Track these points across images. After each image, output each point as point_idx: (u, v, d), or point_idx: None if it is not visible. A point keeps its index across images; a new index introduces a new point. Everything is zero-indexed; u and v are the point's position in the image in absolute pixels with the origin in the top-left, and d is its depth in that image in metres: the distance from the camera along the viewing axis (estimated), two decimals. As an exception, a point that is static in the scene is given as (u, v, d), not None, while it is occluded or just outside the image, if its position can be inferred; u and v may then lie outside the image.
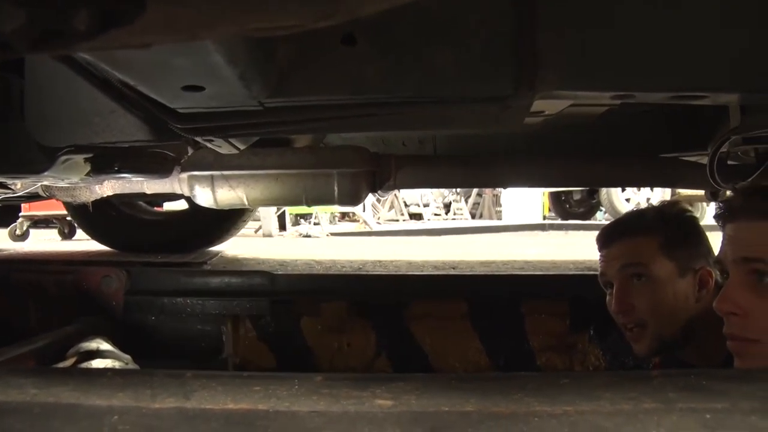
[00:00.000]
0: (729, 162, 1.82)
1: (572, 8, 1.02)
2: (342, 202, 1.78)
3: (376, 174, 1.81)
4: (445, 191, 13.00)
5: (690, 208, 1.90)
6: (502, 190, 11.99)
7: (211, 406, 0.71)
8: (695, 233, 1.67)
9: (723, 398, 0.77)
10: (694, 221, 1.73)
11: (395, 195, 12.15)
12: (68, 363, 1.75)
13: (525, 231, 6.92)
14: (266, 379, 0.82)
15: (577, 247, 4.00)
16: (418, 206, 12.86)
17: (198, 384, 0.79)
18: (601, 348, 2.43)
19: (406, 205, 12.84)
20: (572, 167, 1.85)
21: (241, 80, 0.87)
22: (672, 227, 1.66)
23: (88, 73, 1.07)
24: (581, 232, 6.20)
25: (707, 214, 10.26)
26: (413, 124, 1.13)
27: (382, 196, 11.67)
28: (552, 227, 7.21)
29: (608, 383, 0.84)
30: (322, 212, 8.30)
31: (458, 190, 12.82)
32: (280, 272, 2.38)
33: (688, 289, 1.59)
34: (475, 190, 13.25)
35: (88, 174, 1.32)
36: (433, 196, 13.00)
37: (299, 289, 2.35)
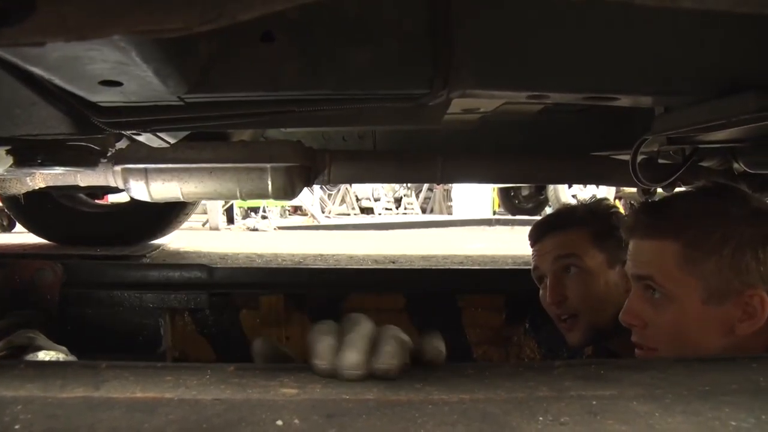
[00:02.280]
0: (660, 161, 1.88)
1: (487, 9, 1.05)
2: (276, 196, 1.78)
3: (311, 168, 1.82)
4: (396, 185, 13.06)
5: (615, 204, 1.97)
6: (452, 185, 12.11)
7: (118, 395, 0.72)
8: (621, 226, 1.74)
9: (613, 385, 0.81)
10: (621, 216, 1.80)
11: (347, 189, 12.16)
12: (-2, 357, 1.73)
13: (473, 226, 7.00)
14: (180, 369, 0.83)
15: (521, 243, 4.06)
16: (369, 200, 12.90)
17: (111, 374, 0.80)
18: (536, 340, 2.49)
19: (358, 200, 12.86)
20: (507, 164, 1.89)
21: (156, 76, 0.88)
22: (601, 221, 1.73)
23: (9, 64, 1.07)
24: (527, 228, 6.29)
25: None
26: (332, 121, 1.16)
27: (331, 190, 11.67)
28: (499, 222, 7.31)
29: (512, 373, 0.88)
30: (273, 206, 8.27)
31: (409, 184, 12.89)
32: (218, 266, 2.38)
33: (618, 280, 1.66)
34: (426, 185, 13.33)
35: (11, 167, 1.31)
36: (384, 190, 13.05)
37: (238, 282, 2.36)
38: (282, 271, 2.40)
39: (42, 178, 1.89)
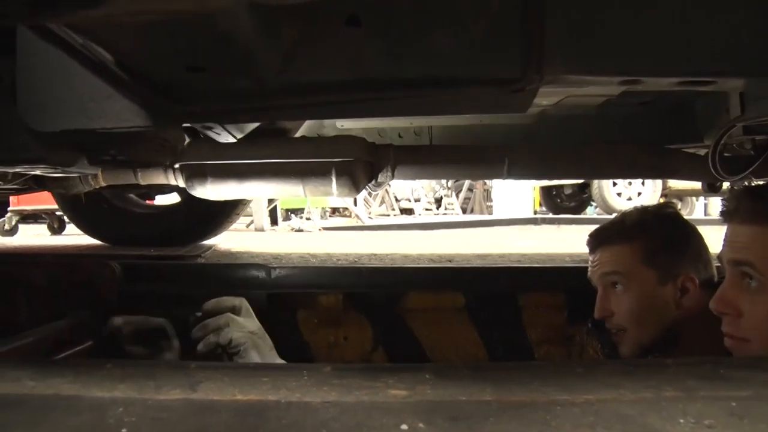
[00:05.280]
0: (725, 154, 1.80)
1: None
2: (340, 193, 1.74)
3: (374, 164, 1.78)
4: (436, 186, 13.01)
5: (677, 208, 1.89)
6: (493, 185, 12.01)
7: (219, 397, 0.68)
8: (681, 238, 1.65)
9: (744, 386, 0.75)
10: (680, 225, 1.71)
11: (386, 190, 12.15)
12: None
13: (517, 225, 6.91)
14: (274, 370, 0.79)
15: (571, 241, 3.98)
16: (409, 201, 12.86)
17: (203, 375, 0.76)
18: (599, 340, 2.41)
19: (397, 200, 12.84)
20: (575, 158, 1.83)
21: (245, 59, 0.84)
22: (654, 234, 1.64)
23: (83, 57, 1.04)
24: (573, 227, 6.20)
25: (696, 209, 10.33)
26: (417, 108, 1.11)
27: (374, 191, 11.64)
28: (544, 221, 7.20)
29: (624, 371, 0.83)
30: (314, 207, 8.27)
31: (449, 184, 12.84)
32: (275, 265, 2.34)
33: (668, 297, 1.58)
34: (466, 185, 13.27)
35: (82, 162, 1.29)
36: (424, 190, 13.00)
37: (295, 282, 2.32)
38: (340, 271, 2.36)
39: (103, 176, 1.87)
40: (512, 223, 7.13)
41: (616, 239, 1.67)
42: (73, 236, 4.18)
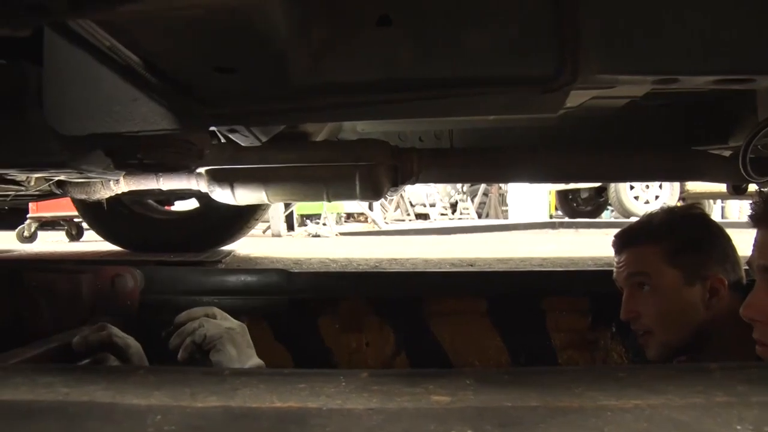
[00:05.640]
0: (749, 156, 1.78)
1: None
2: (364, 197, 1.73)
3: (398, 168, 1.77)
4: (451, 191, 12.98)
5: (704, 209, 1.86)
6: (508, 189, 11.97)
7: (257, 404, 0.67)
8: (708, 238, 1.62)
9: (799, 392, 0.73)
10: (707, 225, 1.67)
11: (401, 195, 12.13)
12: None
13: (535, 229, 6.87)
14: (310, 376, 0.77)
15: (591, 245, 3.95)
16: (424, 206, 12.84)
17: (239, 382, 0.75)
18: (623, 345, 2.39)
19: (412, 205, 12.81)
20: (601, 160, 1.80)
21: (275, 62, 0.82)
22: (680, 234, 1.61)
23: (109, 60, 1.03)
24: (592, 230, 6.16)
25: (714, 212, 10.25)
26: (448, 110, 1.09)
27: (390, 196, 11.64)
28: (562, 225, 7.16)
29: (668, 376, 0.80)
30: (330, 212, 8.27)
31: (464, 189, 12.80)
32: (296, 270, 2.32)
33: (696, 297, 1.55)
34: (481, 190, 13.23)
35: (109, 166, 1.28)
36: (439, 195, 12.97)
37: (317, 287, 2.30)
38: (361, 276, 2.34)
39: (125, 182, 1.87)
40: (530, 227, 7.10)
41: (642, 240, 1.64)
42: (92, 242, 4.19)
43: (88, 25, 0.93)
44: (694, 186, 7.38)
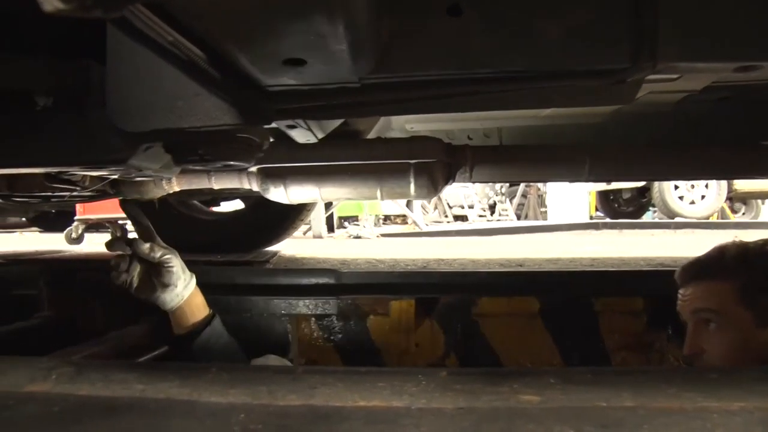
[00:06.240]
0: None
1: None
2: (418, 194, 1.70)
3: (452, 165, 1.73)
4: (489, 192, 12.90)
5: None
6: (547, 190, 11.85)
7: (341, 403, 0.64)
8: None
9: None
10: None
11: (439, 197, 12.09)
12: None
13: (577, 230, 6.77)
14: (388, 375, 0.75)
15: (639, 246, 3.87)
16: (462, 208, 12.77)
17: (315, 380, 0.73)
18: (681, 348, 2.32)
19: (450, 207, 12.76)
20: (663, 157, 1.75)
21: (349, 52, 0.80)
22: (755, 273, 1.49)
23: (171, 55, 1.02)
24: (636, 231, 6.05)
25: (762, 212, 10.03)
26: (519, 102, 1.05)
27: (426, 200, 11.60)
28: (605, 226, 7.04)
29: (760, 378, 0.76)
30: (369, 214, 8.27)
31: (503, 190, 12.72)
32: (345, 270, 2.31)
33: (766, 340, 1.46)
34: (519, 191, 13.13)
35: (168, 163, 1.27)
36: (478, 197, 12.90)
37: (366, 287, 2.28)
38: (413, 275, 2.31)
39: (178, 181, 1.86)
40: (572, 228, 7.00)
41: (712, 275, 1.53)
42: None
43: (151, 21, 0.92)
44: (743, 185, 7.22)
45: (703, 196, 7.95)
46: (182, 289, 1.79)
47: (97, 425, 0.59)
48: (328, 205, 6.73)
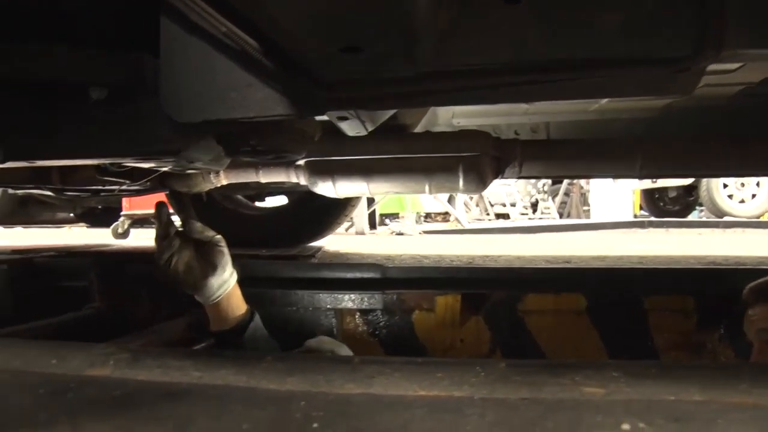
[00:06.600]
0: None
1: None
2: (467, 189, 1.68)
3: (501, 160, 1.71)
4: (531, 190, 12.79)
5: None
6: (590, 188, 11.69)
7: (401, 392, 0.63)
8: None
9: None
10: None
11: (480, 195, 12.03)
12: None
13: (622, 228, 6.67)
14: (445, 365, 0.74)
15: (688, 244, 3.80)
16: (504, 206, 12.68)
17: (372, 370, 0.72)
18: (733, 348, 2.26)
19: (491, 205, 12.69)
20: (723, 152, 1.69)
21: (405, 39, 0.79)
22: None
23: (224, 46, 1.02)
24: (683, 230, 5.94)
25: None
26: (577, 92, 1.03)
27: (472, 195, 11.56)
28: (651, 224, 6.93)
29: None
30: (411, 211, 8.26)
31: (545, 188, 12.59)
32: (390, 265, 2.30)
33: None
34: (562, 189, 12.99)
35: (219, 154, 1.28)
36: (520, 195, 12.80)
37: (412, 282, 2.27)
38: (458, 271, 2.29)
39: (226, 175, 1.88)
40: (616, 226, 6.90)
41: None
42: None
43: (206, 12, 0.92)
44: None
45: (753, 195, 7.76)
46: (229, 277, 1.75)
47: (158, 408, 0.59)
48: (371, 202, 6.73)
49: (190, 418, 0.56)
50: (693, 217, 9.69)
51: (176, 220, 1.80)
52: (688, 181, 8.64)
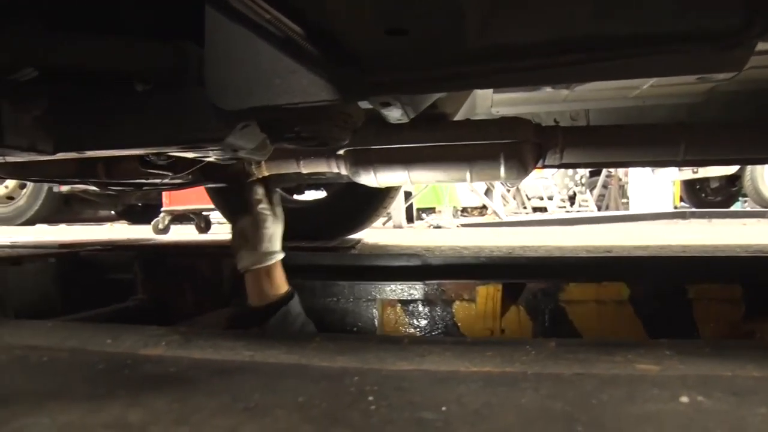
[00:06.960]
0: None
1: None
2: (509, 176, 1.67)
3: (542, 146, 1.70)
4: (569, 182, 12.67)
5: None
6: (629, 180, 11.55)
7: (453, 368, 0.63)
8: None
9: None
10: None
11: (517, 188, 11.96)
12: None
13: (662, 219, 6.58)
14: (495, 345, 0.74)
15: (733, 234, 3.72)
16: (541, 199, 12.59)
17: (422, 349, 0.72)
18: (783, 336, 2.22)
19: (528, 198, 12.60)
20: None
21: (450, 19, 0.79)
22: None
23: (268, 33, 1.03)
24: (727, 221, 5.83)
25: None
26: (623, 71, 1.01)
27: (509, 188, 11.50)
28: (693, 215, 6.82)
29: None
30: (448, 205, 8.25)
31: (583, 181, 12.47)
32: (431, 256, 2.30)
33: None
34: (600, 181, 12.85)
35: (264, 141, 1.29)
36: (557, 188, 12.69)
37: (452, 272, 2.27)
38: (499, 260, 2.28)
39: (267, 166, 1.89)
40: (657, 217, 6.81)
41: None
42: (220, 235, 4.31)
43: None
44: None
45: (801, 186, 7.59)
46: (279, 250, 1.81)
47: (213, 383, 0.60)
48: (408, 196, 6.73)
49: (245, 392, 0.57)
50: (736, 207, 9.52)
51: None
52: (731, 171, 8.47)
